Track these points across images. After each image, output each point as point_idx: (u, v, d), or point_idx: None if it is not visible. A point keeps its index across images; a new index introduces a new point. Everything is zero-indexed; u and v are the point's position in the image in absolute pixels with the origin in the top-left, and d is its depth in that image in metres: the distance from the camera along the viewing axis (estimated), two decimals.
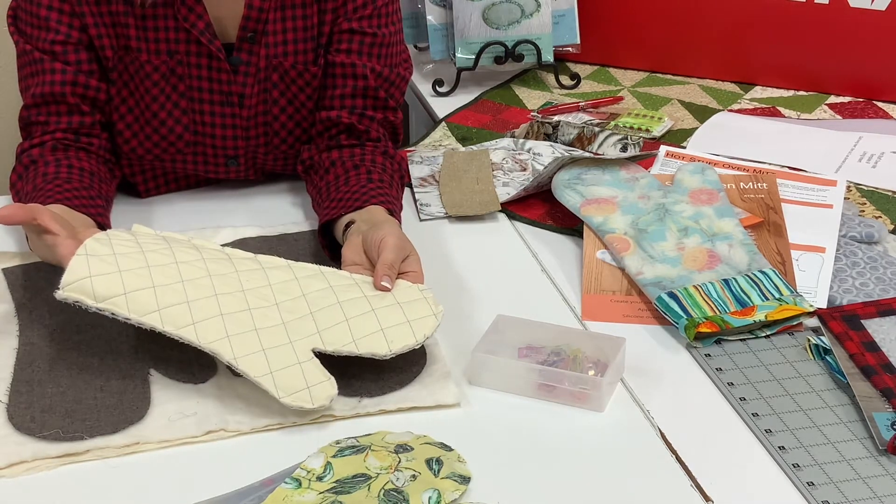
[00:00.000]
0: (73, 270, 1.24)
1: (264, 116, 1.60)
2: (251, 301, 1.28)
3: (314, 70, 1.58)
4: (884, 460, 1.17)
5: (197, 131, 1.59)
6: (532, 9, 2.05)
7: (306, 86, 1.59)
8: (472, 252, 1.56)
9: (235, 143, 1.61)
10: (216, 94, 1.57)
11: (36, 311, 1.37)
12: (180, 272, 1.28)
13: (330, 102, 1.60)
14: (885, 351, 1.29)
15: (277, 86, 1.58)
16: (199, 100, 1.57)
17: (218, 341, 1.23)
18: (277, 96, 1.59)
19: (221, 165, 1.63)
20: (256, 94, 1.58)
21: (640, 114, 1.95)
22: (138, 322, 1.23)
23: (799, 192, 1.62)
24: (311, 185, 1.60)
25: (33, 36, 1.53)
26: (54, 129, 1.54)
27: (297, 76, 1.58)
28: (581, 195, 1.57)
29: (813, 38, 2.02)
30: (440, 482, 1.11)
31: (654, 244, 1.47)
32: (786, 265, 1.46)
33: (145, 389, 1.25)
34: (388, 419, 1.23)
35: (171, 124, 1.58)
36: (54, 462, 1.16)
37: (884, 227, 1.57)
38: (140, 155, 1.60)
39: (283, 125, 1.61)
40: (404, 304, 1.29)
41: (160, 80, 1.55)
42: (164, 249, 1.30)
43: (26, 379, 1.27)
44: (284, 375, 1.22)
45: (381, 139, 1.62)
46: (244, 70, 1.56)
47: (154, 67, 1.55)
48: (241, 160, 1.63)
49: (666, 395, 1.28)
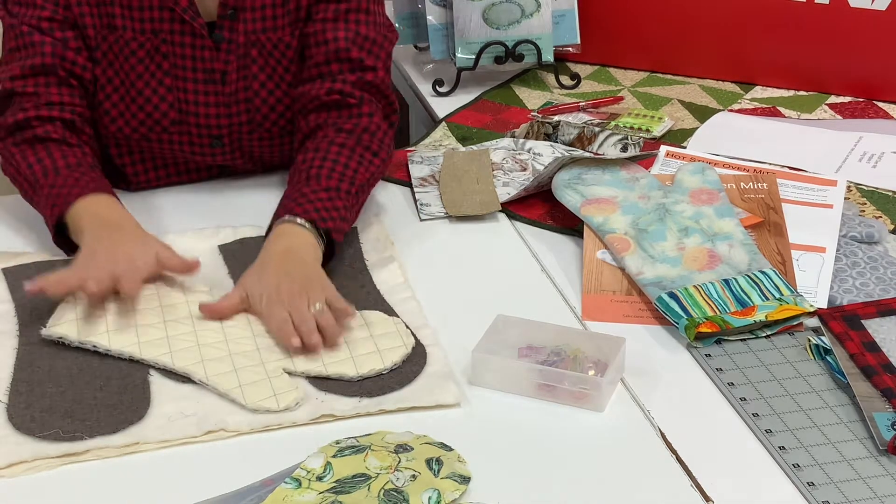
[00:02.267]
0: (60, 313, 1.34)
1: (245, 93, 1.61)
2: (228, 332, 1.34)
3: (290, 41, 1.59)
4: (884, 460, 1.17)
5: (182, 109, 1.60)
6: (532, 9, 2.05)
7: (283, 57, 1.60)
8: (472, 252, 1.56)
9: (219, 121, 1.62)
10: (199, 71, 1.59)
11: (36, 311, 1.37)
12: (163, 312, 1.36)
13: (307, 73, 1.60)
14: (885, 351, 1.29)
15: (256, 61, 1.59)
16: (182, 77, 1.59)
17: (192, 365, 1.28)
18: (257, 71, 1.60)
19: (207, 146, 1.64)
20: (236, 69, 1.59)
21: (641, 114, 1.95)
22: (118, 353, 1.30)
23: (799, 192, 1.62)
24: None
25: (20, 14, 1.56)
26: (46, 101, 1.55)
27: (273, 49, 1.59)
28: (581, 195, 1.57)
29: (813, 38, 2.02)
30: (440, 482, 1.11)
31: (655, 244, 1.47)
32: (786, 265, 1.46)
33: (145, 389, 1.25)
34: (387, 419, 1.22)
35: (157, 101, 1.59)
36: (54, 462, 1.16)
37: (884, 228, 1.57)
38: (126, 135, 1.61)
39: (263, 101, 1.61)
40: (377, 337, 1.33)
41: (145, 58, 1.57)
42: (151, 295, 1.38)
43: (26, 379, 1.27)
44: (252, 388, 1.25)
45: (362, 104, 1.58)
46: (226, 47, 1.58)
47: (139, 44, 1.57)
48: (224, 140, 1.64)
49: (666, 395, 1.27)
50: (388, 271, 1.48)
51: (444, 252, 1.56)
